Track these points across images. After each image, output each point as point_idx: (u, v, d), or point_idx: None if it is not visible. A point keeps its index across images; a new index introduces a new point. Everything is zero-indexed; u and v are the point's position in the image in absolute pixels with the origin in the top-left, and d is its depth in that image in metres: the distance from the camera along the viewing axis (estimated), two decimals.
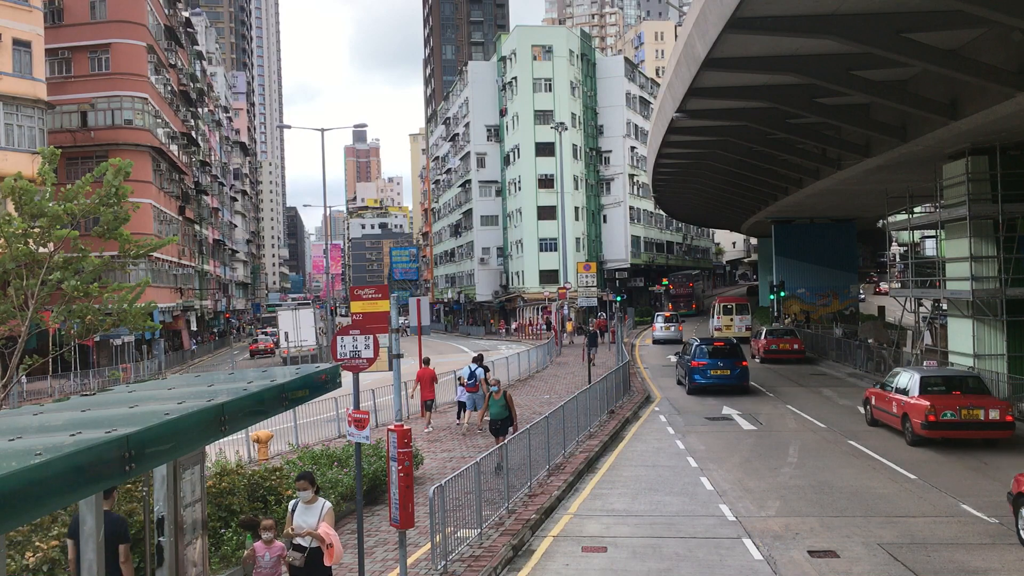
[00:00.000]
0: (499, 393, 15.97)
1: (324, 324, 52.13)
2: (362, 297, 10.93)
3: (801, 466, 15.56)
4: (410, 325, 21.12)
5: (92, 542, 5.23)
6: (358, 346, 9.69)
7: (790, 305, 47.79)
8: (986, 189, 22.00)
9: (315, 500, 8.19)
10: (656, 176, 46.08)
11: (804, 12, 16.93)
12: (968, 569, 9.87)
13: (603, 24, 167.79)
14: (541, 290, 63.19)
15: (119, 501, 9.13)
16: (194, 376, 7.31)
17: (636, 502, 13.32)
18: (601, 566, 10.33)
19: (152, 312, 19.23)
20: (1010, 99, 17.52)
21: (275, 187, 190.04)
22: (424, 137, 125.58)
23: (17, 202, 15.58)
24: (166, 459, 4.91)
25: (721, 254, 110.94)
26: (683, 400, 24.78)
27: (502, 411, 15.78)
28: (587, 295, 45.56)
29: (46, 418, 4.92)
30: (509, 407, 15.89)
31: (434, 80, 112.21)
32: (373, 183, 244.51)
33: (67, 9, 45.17)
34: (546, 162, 67.66)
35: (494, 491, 12.69)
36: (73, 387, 35.70)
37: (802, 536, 11.28)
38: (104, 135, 44.43)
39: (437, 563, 9.82)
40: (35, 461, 3.37)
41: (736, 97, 24.18)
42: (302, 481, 8.23)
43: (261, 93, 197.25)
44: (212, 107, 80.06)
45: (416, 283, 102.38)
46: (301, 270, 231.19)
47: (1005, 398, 20.17)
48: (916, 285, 27.50)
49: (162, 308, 45.11)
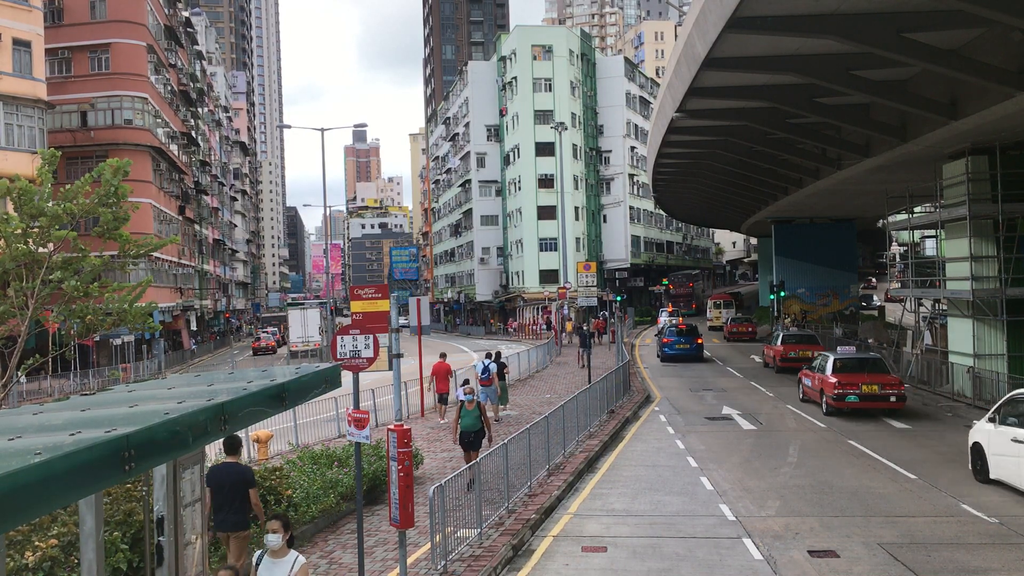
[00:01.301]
0: (472, 403, 14.63)
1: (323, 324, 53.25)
2: (362, 297, 10.94)
3: (801, 466, 15.56)
4: (410, 325, 21.20)
5: (92, 542, 5.23)
6: (358, 346, 9.69)
7: (790, 305, 47.80)
8: (986, 189, 22.01)
9: (286, 553, 6.68)
10: (656, 176, 46.09)
11: (804, 12, 16.93)
12: (968, 569, 9.87)
13: (603, 24, 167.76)
14: (541, 290, 63.21)
15: (118, 500, 9.14)
16: (194, 376, 7.30)
17: (636, 502, 13.32)
18: (601, 566, 10.33)
19: (152, 312, 19.23)
20: (1010, 99, 17.54)
21: (275, 187, 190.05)
22: (424, 137, 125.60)
23: (16, 202, 15.57)
24: (166, 459, 4.91)
25: (721, 254, 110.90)
26: (683, 400, 24.78)
27: (475, 422, 14.51)
28: (587, 295, 45.58)
29: (46, 418, 4.92)
30: (483, 419, 14.57)
31: (434, 80, 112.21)
32: (373, 183, 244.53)
33: (67, 9, 45.16)
34: (546, 162, 67.67)
35: (494, 491, 12.69)
36: (73, 387, 35.69)
37: (802, 536, 11.27)
38: (104, 135, 44.42)
39: (437, 563, 9.82)
40: (35, 461, 3.37)
41: (736, 97, 24.18)
42: (274, 523, 6.72)
43: (261, 93, 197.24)
44: (212, 107, 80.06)
45: (416, 283, 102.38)
46: (301, 270, 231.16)
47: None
48: (916, 285, 27.51)
49: (162, 308, 45.12)
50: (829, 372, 21.10)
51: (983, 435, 13.99)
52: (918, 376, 25.95)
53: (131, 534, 8.58)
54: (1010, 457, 13.05)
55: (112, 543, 8.21)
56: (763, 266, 63.10)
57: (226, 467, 9.07)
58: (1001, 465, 13.35)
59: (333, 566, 10.31)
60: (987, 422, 14.00)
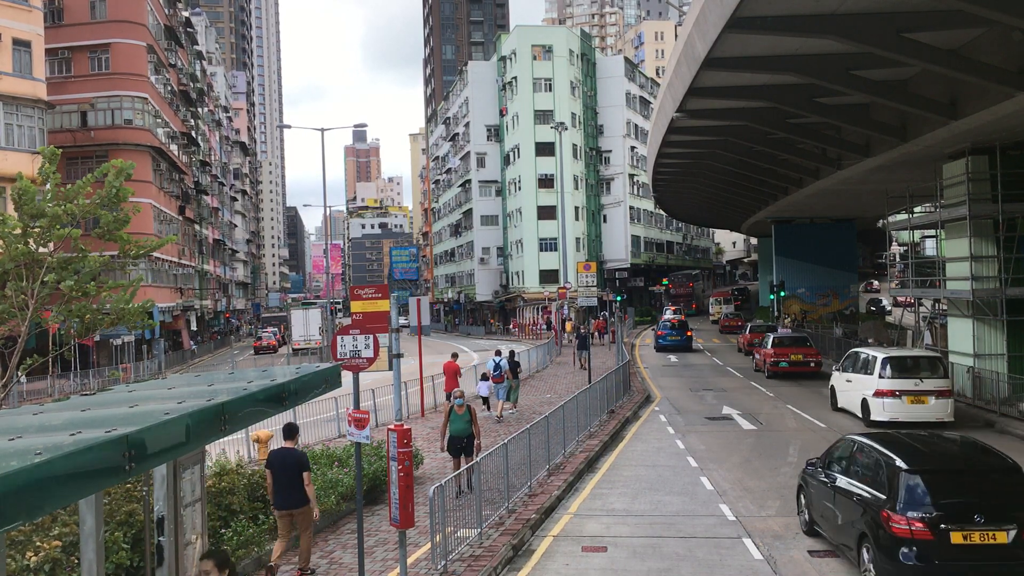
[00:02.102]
0: (463, 407, 13.76)
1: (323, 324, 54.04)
2: (362, 297, 10.94)
3: (801, 465, 15.53)
4: (410, 325, 21.24)
5: (92, 542, 5.23)
6: (358, 346, 9.69)
7: (790, 305, 47.82)
8: (986, 189, 21.99)
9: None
10: (656, 176, 46.08)
11: (804, 12, 16.93)
12: None
13: (603, 24, 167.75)
14: (541, 290, 63.20)
15: (118, 501, 9.14)
16: (194, 376, 7.30)
17: (636, 502, 13.32)
18: (601, 566, 10.33)
19: (151, 310, 19.21)
20: (1010, 99, 17.53)
21: (275, 187, 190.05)
22: (424, 137, 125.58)
23: (17, 202, 15.56)
24: (166, 459, 4.91)
25: (721, 254, 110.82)
26: (683, 400, 24.79)
27: (466, 427, 13.65)
28: (587, 295, 45.53)
29: (46, 418, 4.92)
30: (473, 423, 13.77)
31: (434, 80, 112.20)
32: (373, 183, 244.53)
33: (67, 9, 45.15)
34: (546, 162, 67.66)
35: (494, 491, 12.69)
36: (73, 387, 35.68)
37: (802, 536, 11.27)
38: (104, 135, 44.42)
39: (437, 563, 9.82)
40: (35, 461, 3.37)
41: (736, 97, 24.17)
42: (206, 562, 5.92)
43: (261, 93, 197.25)
44: (212, 107, 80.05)
45: (416, 283, 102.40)
46: (301, 270, 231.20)
47: (1005, 398, 20.25)
48: (916, 285, 27.50)
49: (162, 308, 45.13)
50: (769, 347, 29.77)
51: (834, 379, 21.98)
52: None
53: (132, 534, 8.59)
54: (845, 392, 20.91)
55: (113, 543, 8.22)
56: (763, 266, 63.16)
57: (285, 452, 9.99)
58: (841, 398, 21.28)
59: (333, 566, 10.31)
60: (836, 371, 21.72)
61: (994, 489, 8.75)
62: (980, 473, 9.10)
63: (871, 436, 10.39)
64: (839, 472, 10.25)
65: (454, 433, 13.58)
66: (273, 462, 9.89)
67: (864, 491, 9.35)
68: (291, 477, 9.74)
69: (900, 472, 8.80)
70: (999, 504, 8.50)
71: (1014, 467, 8.97)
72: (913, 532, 8.36)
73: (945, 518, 8.35)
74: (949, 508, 8.45)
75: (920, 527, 8.35)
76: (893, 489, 8.75)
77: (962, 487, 8.83)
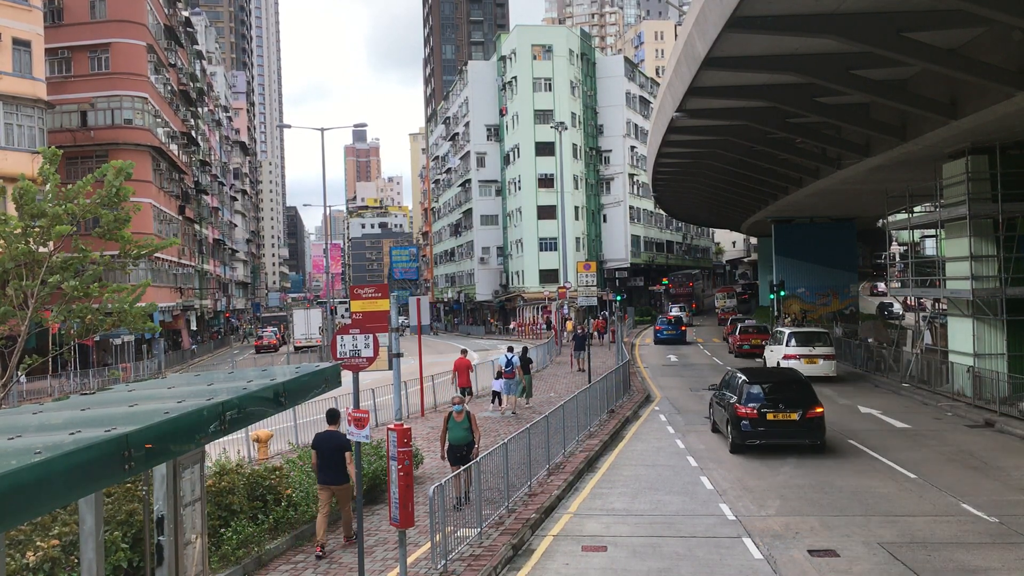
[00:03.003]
0: (462, 414, 12.87)
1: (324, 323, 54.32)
2: (362, 296, 10.93)
3: (801, 465, 15.55)
4: (410, 325, 21.25)
5: (92, 541, 5.23)
6: (358, 345, 9.69)
7: (790, 304, 47.78)
8: (986, 188, 21.99)
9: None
10: (656, 176, 46.07)
11: (804, 11, 16.93)
12: (968, 568, 9.88)
13: (603, 24, 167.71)
14: (541, 289, 63.20)
15: (119, 500, 9.15)
16: (194, 375, 7.31)
17: (636, 501, 13.33)
18: (601, 565, 10.33)
19: (152, 313, 19.23)
20: (1010, 98, 17.53)
21: (275, 187, 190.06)
22: (424, 136, 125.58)
23: (18, 202, 15.57)
24: (165, 458, 4.91)
25: (721, 253, 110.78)
26: (683, 399, 24.79)
27: (466, 435, 12.85)
28: (587, 294, 45.51)
29: (46, 417, 4.92)
30: (473, 429, 13.00)
31: (434, 80, 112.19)
32: (373, 183, 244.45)
33: (67, 9, 45.15)
34: (546, 162, 67.66)
35: (494, 490, 12.68)
36: (73, 386, 35.68)
37: (802, 535, 11.28)
38: (104, 135, 44.41)
39: (437, 562, 9.83)
40: (35, 460, 3.37)
41: (736, 96, 24.16)
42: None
43: (261, 93, 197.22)
44: (212, 107, 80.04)
45: (416, 283, 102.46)
46: (301, 270, 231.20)
47: (1005, 397, 20.26)
48: (916, 285, 27.50)
49: (162, 308, 45.10)
50: (737, 334, 37.72)
51: (765, 352, 30.47)
52: (918, 376, 25.92)
53: (132, 534, 8.60)
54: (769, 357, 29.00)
55: (112, 542, 8.22)
56: (763, 266, 63.14)
57: (328, 434, 11.03)
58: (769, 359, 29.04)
59: (333, 566, 10.32)
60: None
61: (792, 393, 16.29)
62: (785, 384, 16.82)
63: (738, 368, 18.61)
64: (724, 389, 17.94)
65: (453, 441, 12.95)
66: (319, 443, 10.95)
67: (731, 396, 16.88)
68: (335, 457, 10.76)
69: (744, 383, 16.60)
70: (792, 399, 16.12)
71: (805, 382, 16.84)
72: (747, 414, 16.06)
73: (764, 406, 16.05)
74: (766, 401, 16.12)
75: (751, 411, 16.05)
76: (740, 393, 16.43)
77: (774, 391, 16.39)
